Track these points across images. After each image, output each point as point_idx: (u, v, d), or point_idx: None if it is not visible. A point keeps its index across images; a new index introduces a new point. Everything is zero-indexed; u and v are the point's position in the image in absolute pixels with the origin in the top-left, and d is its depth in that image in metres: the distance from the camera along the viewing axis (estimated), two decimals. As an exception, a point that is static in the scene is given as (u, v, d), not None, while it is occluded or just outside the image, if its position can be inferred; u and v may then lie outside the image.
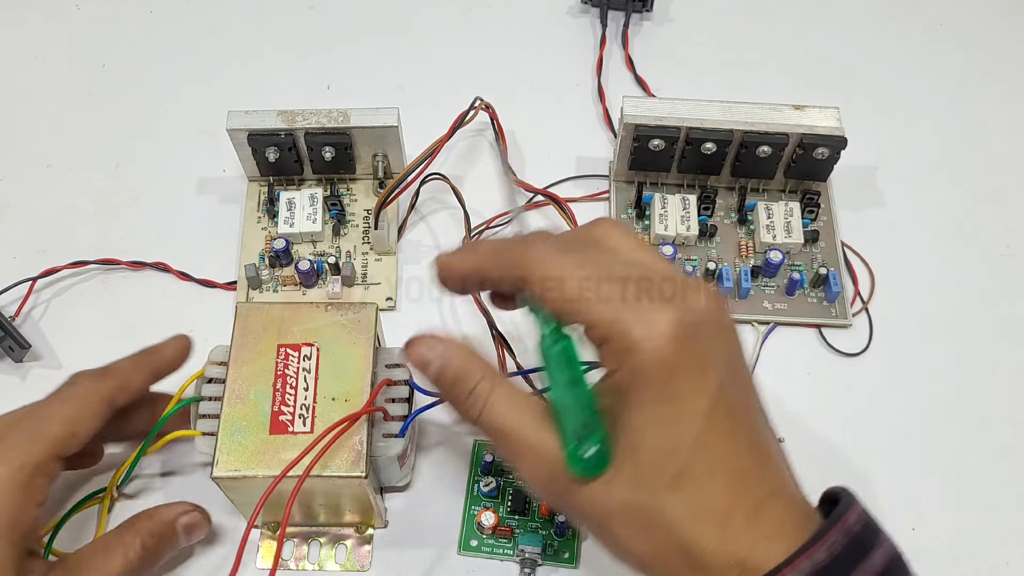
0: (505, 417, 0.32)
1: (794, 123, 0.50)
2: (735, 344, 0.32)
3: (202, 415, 0.40)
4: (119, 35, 0.63)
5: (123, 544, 0.38)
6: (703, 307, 0.31)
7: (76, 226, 0.54)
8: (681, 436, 0.30)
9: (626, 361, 0.30)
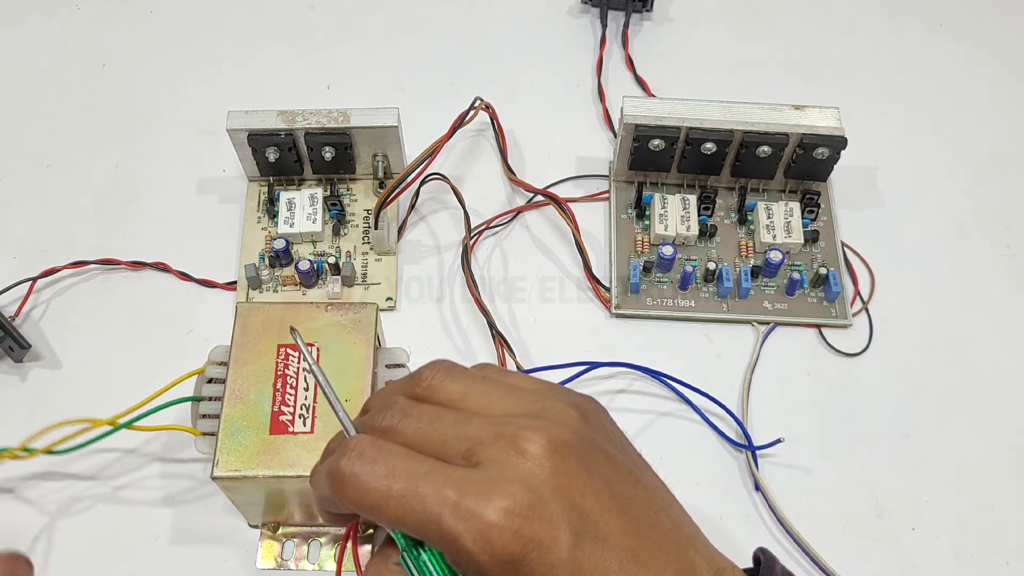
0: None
1: (794, 123, 0.50)
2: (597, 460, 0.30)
3: (202, 415, 0.40)
4: (119, 35, 0.63)
5: None
6: (544, 453, 0.28)
7: (76, 226, 0.54)
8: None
9: (468, 570, 0.27)
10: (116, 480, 0.46)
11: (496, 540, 0.26)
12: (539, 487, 0.27)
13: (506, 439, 0.28)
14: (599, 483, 0.29)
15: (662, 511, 0.30)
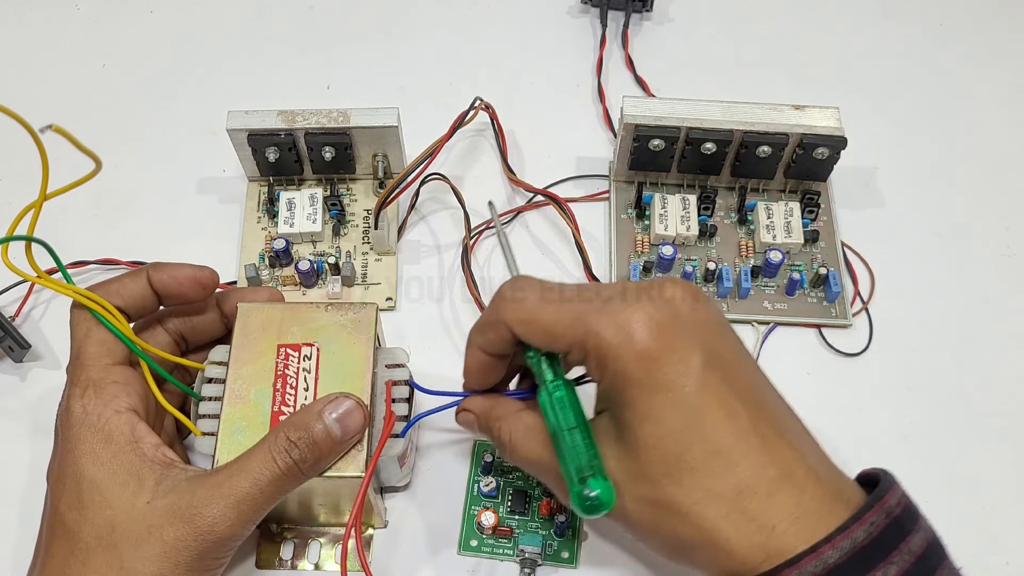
0: (527, 452, 0.36)
1: (794, 123, 0.50)
2: (719, 330, 0.33)
3: (202, 415, 0.40)
4: (119, 35, 0.63)
5: (268, 450, 0.35)
6: (677, 299, 0.32)
7: (76, 226, 0.54)
8: (671, 426, 0.30)
9: (607, 368, 0.31)
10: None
11: (636, 333, 0.30)
12: (680, 311, 0.32)
13: (645, 284, 0.33)
14: (735, 344, 0.34)
15: (779, 402, 0.34)
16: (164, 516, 0.34)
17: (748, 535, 0.30)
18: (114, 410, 0.36)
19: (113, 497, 0.34)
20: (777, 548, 0.29)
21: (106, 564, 0.33)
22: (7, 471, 0.45)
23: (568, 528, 0.44)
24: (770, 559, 0.29)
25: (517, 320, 0.34)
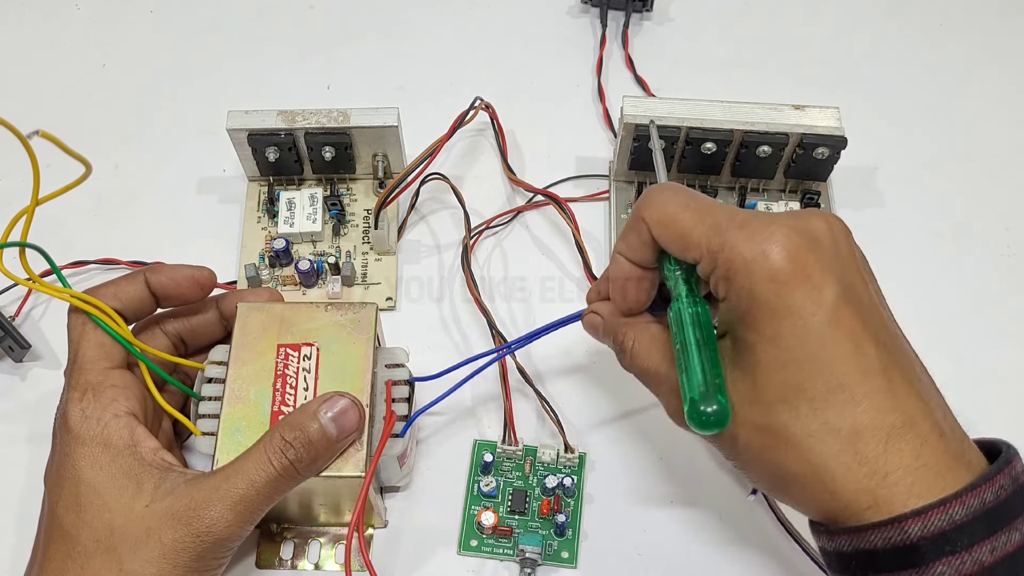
0: (646, 359, 0.36)
1: (794, 123, 0.50)
2: (859, 268, 0.32)
3: (202, 415, 0.40)
4: (119, 35, 0.63)
5: (264, 451, 0.35)
6: (821, 230, 0.31)
7: (76, 226, 0.54)
8: (796, 351, 0.30)
9: (735, 281, 0.31)
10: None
11: (772, 253, 0.30)
12: (822, 242, 0.31)
13: (797, 212, 0.33)
14: (873, 286, 0.33)
15: (912, 353, 0.33)
16: (162, 519, 0.34)
17: (858, 478, 0.29)
18: (112, 414, 0.36)
19: (111, 500, 0.34)
20: (886, 497, 0.28)
21: (105, 566, 0.34)
22: (6, 471, 0.45)
23: (568, 528, 0.44)
24: (877, 507, 0.28)
25: (656, 220, 0.34)
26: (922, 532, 0.28)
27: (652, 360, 0.36)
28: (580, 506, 0.45)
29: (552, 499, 0.44)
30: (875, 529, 0.28)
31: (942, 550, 0.28)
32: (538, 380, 0.48)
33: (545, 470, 0.45)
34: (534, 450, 0.46)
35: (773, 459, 0.31)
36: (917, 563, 0.28)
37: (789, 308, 0.30)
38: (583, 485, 0.45)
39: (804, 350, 0.30)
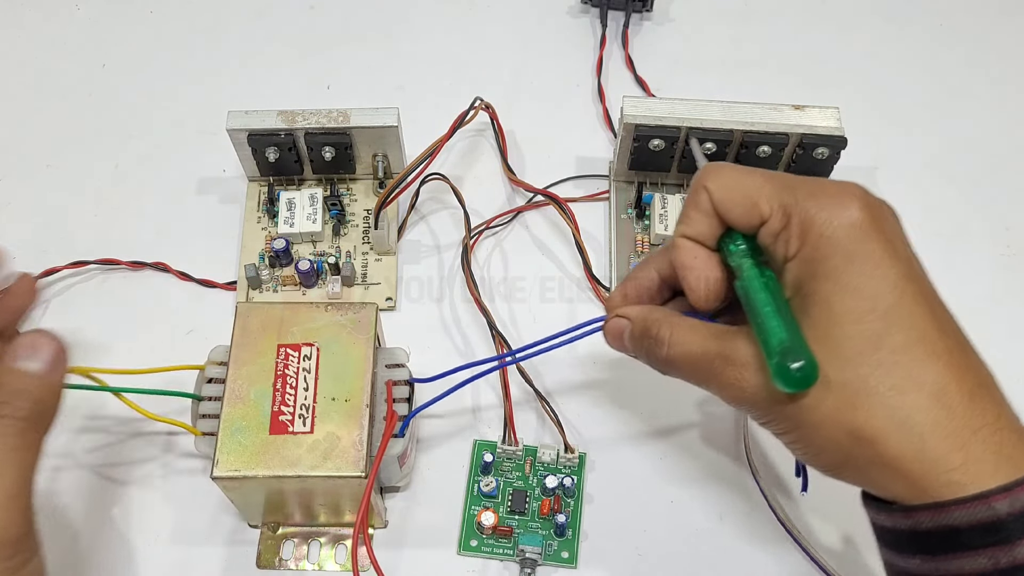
0: (687, 344, 0.34)
1: (794, 123, 0.50)
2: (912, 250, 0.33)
3: (202, 415, 0.40)
4: (119, 35, 0.63)
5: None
6: (886, 207, 0.32)
7: (76, 226, 0.54)
8: (878, 300, 0.29)
9: (813, 231, 0.30)
10: (116, 480, 0.46)
11: (849, 205, 0.30)
12: (890, 210, 0.33)
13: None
14: (925, 274, 0.32)
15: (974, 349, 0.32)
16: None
17: (948, 433, 0.28)
18: None
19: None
20: (977, 455, 0.27)
21: None
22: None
23: (568, 528, 0.44)
24: (966, 467, 0.27)
25: (720, 185, 0.33)
26: (1010, 508, 0.27)
27: (694, 343, 0.33)
28: (580, 506, 0.45)
29: (552, 499, 0.44)
30: (959, 506, 0.27)
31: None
32: (538, 380, 0.48)
33: (545, 470, 0.45)
34: (534, 450, 0.46)
35: (850, 419, 0.29)
36: (1004, 540, 0.27)
37: (870, 256, 0.29)
38: (583, 485, 0.45)
39: (885, 300, 0.29)
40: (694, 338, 0.34)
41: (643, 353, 0.36)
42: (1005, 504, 0.27)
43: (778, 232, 0.32)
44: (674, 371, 0.35)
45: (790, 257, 0.31)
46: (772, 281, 0.32)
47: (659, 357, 0.35)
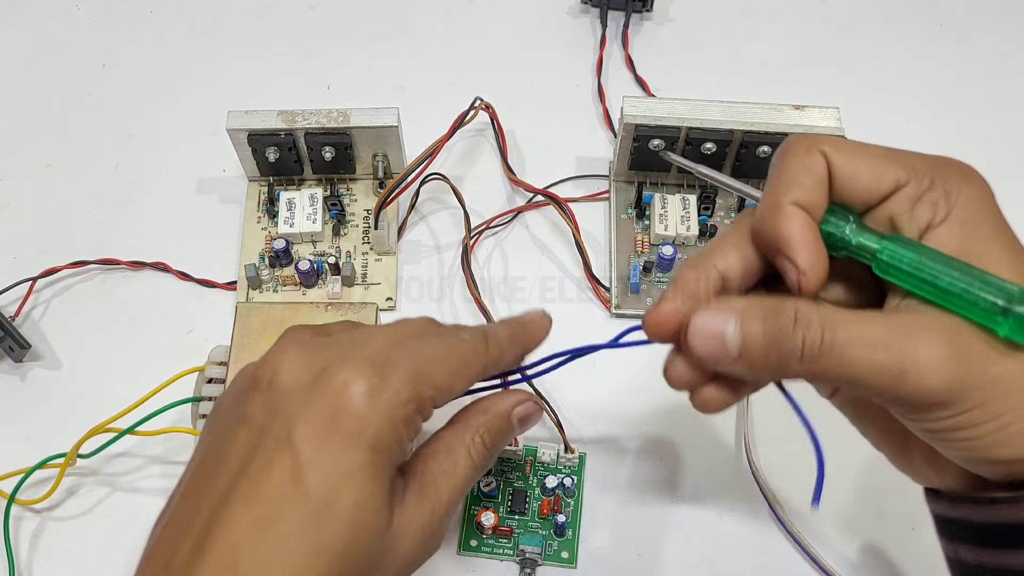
0: (862, 323, 0.27)
1: (794, 123, 0.50)
2: None
3: (202, 415, 0.40)
4: (119, 35, 0.63)
5: (464, 444, 0.33)
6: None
7: (76, 226, 0.54)
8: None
9: (961, 194, 0.28)
10: (116, 481, 0.46)
11: (974, 173, 0.30)
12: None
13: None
14: None
15: None
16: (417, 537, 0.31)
17: None
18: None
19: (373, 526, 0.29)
20: None
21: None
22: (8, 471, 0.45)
23: (568, 528, 0.44)
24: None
25: (841, 147, 0.28)
26: None
27: (872, 322, 0.27)
28: (580, 506, 0.45)
29: (552, 499, 0.44)
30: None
31: None
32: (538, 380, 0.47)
33: (545, 470, 0.45)
34: (534, 450, 0.46)
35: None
36: None
37: (1006, 225, 0.29)
38: (583, 485, 0.45)
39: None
40: (863, 317, 0.27)
41: (773, 350, 0.28)
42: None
43: (920, 196, 0.28)
44: (833, 365, 0.27)
45: (938, 223, 0.28)
46: (924, 247, 0.28)
47: (809, 345, 0.27)
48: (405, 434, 0.29)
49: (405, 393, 0.29)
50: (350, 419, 0.28)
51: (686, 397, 0.31)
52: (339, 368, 0.29)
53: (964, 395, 0.26)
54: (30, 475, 0.43)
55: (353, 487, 0.28)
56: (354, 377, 0.29)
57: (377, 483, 0.28)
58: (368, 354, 0.30)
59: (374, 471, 0.28)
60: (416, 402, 0.30)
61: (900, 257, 0.27)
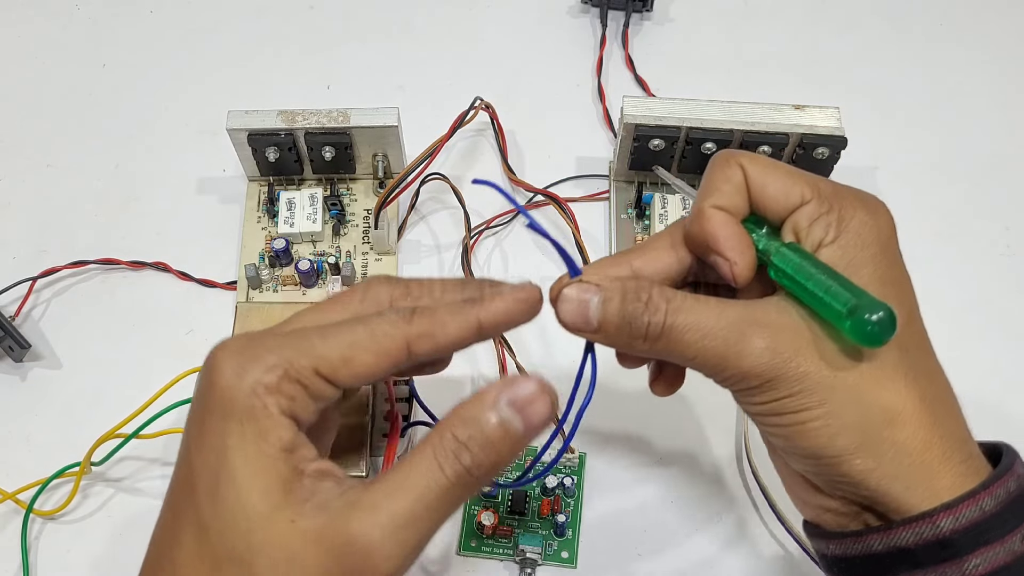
0: (700, 311, 0.30)
1: (794, 123, 0.50)
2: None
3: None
4: (119, 35, 0.63)
5: (435, 459, 0.28)
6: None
7: (76, 226, 0.54)
8: (903, 298, 0.31)
9: (853, 220, 0.31)
10: (116, 481, 0.46)
11: (883, 210, 0.33)
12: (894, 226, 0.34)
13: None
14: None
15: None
16: (308, 543, 0.27)
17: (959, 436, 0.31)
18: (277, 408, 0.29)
19: (250, 504, 0.27)
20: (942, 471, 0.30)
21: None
22: (7, 472, 0.45)
23: (568, 528, 0.44)
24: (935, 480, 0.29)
25: (755, 161, 0.33)
26: (954, 526, 0.28)
27: (709, 311, 0.30)
28: (580, 506, 0.45)
29: (552, 499, 0.44)
30: (906, 526, 0.29)
31: (976, 541, 0.28)
32: (538, 380, 0.48)
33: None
34: (534, 450, 0.46)
35: (888, 391, 0.30)
36: (953, 556, 0.28)
37: (895, 261, 0.32)
38: (583, 485, 0.45)
39: (908, 302, 0.32)
40: (705, 308, 0.30)
41: (624, 328, 0.31)
42: (948, 521, 0.28)
43: (817, 217, 0.31)
44: (671, 346, 0.30)
45: (828, 242, 0.31)
46: (809, 255, 0.31)
47: (652, 327, 0.30)
48: (272, 401, 0.28)
49: (271, 360, 0.28)
50: (214, 398, 0.28)
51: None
52: (217, 351, 0.29)
53: (777, 383, 0.30)
54: (47, 486, 0.44)
55: (222, 463, 0.28)
56: (224, 356, 0.28)
57: (242, 456, 0.27)
58: (265, 332, 0.30)
59: (242, 442, 0.28)
60: (285, 368, 0.28)
61: (786, 262, 0.31)
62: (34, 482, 0.44)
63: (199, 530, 0.28)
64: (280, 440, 0.28)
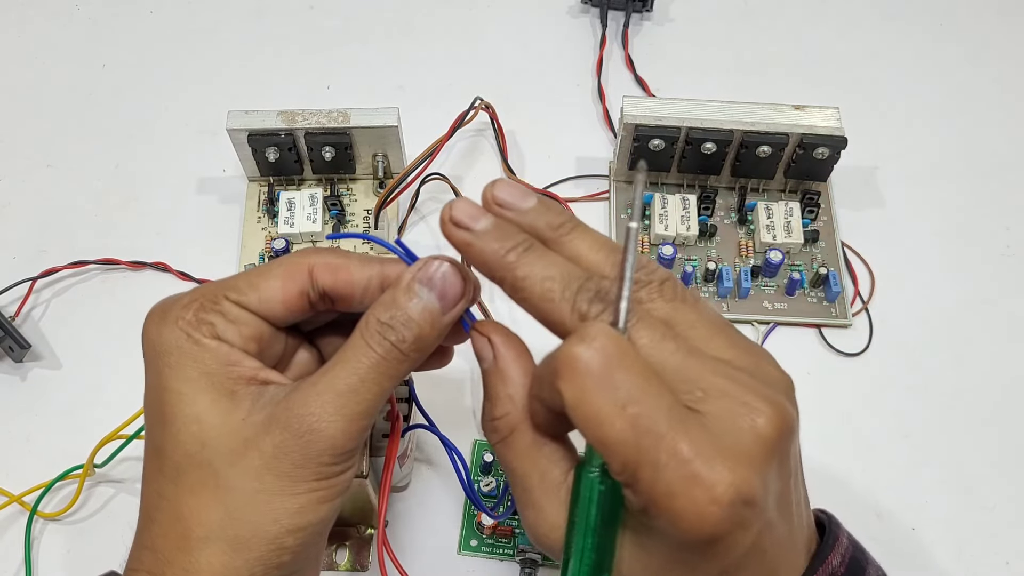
0: (522, 461, 0.30)
1: (794, 123, 0.50)
2: (791, 461, 0.30)
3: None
4: (119, 35, 0.63)
5: (363, 339, 0.30)
6: (760, 450, 0.26)
7: (76, 226, 0.54)
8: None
9: (661, 516, 0.25)
10: (118, 482, 0.46)
11: (711, 517, 0.24)
12: (762, 470, 0.26)
13: (732, 399, 0.26)
14: (792, 465, 0.30)
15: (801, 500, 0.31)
16: (261, 427, 0.29)
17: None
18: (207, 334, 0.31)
19: (202, 412, 0.30)
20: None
21: (199, 481, 0.30)
22: (7, 472, 0.45)
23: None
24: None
25: (580, 408, 0.26)
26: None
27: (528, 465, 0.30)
28: (580, 506, 0.45)
29: (552, 499, 0.44)
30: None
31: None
32: (538, 380, 0.48)
33: (545, 470, 0.45)
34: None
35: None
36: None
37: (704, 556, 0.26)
38: (583, 485, 0.45)
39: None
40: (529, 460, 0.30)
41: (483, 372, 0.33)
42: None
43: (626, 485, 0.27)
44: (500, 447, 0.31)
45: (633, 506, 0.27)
46: (611, 492, 0.27)
47: (490, 437, 0.31)
48: (196, 331, 0.30)
49: (185, 301, 0.31)
50: (148, 351, 0.31)
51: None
52: (145, 317, 0.32)
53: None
54: (50, 488, 0.44)
55: (165, 394, 0.30)
56: (148, 317, 0.31)
57: (182, 380, 0.30)
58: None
59: (180, 371, 0.30)
60: (200, 302, 0.31)
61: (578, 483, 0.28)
62: (37, 485, 0.44)
63: (155, 453, 0.30)
64: (215, 358, 0.30)
